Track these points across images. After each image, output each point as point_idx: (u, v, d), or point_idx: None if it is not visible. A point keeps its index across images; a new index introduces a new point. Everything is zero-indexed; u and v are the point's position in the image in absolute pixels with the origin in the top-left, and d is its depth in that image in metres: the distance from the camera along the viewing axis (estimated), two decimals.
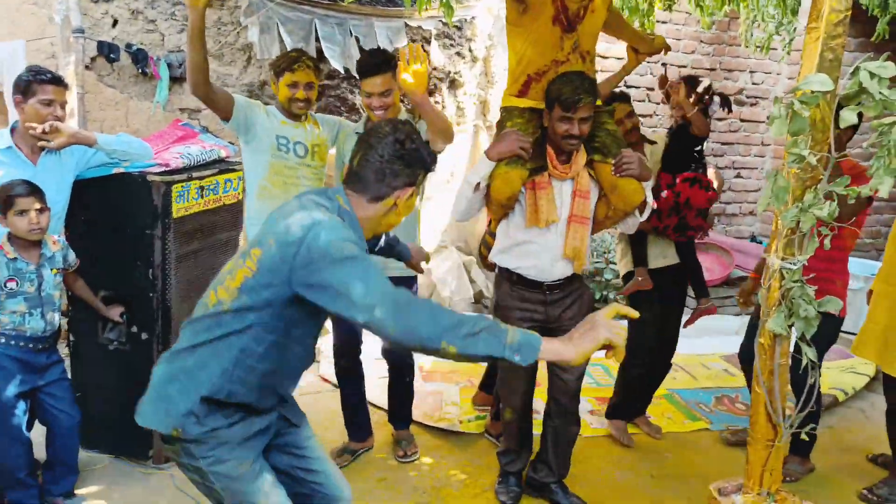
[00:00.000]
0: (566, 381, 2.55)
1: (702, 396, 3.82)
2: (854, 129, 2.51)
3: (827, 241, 1.94)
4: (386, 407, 3.14)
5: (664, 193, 2.94)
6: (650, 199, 2.51)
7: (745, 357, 3.04)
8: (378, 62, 2.61)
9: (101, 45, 3.66)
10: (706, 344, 4.67)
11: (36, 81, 2.51)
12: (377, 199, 1.65)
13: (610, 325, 1.43)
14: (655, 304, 3.05)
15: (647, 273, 3.05)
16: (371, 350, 3.06)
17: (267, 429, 1.69)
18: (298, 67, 2.67)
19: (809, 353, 2.00)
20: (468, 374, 3.86)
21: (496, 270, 2.63)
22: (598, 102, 2.41)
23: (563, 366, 2.08)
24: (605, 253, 5.34)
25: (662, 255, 3.08)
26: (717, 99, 3.15)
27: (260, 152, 2.71)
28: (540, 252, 2.45)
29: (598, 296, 5.05)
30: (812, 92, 1.79)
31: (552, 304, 2.50)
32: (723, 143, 5.94)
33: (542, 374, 2.67)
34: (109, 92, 3.77)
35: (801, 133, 1.83)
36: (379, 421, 3.15)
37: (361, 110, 4.38)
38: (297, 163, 2.74)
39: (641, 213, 2.51)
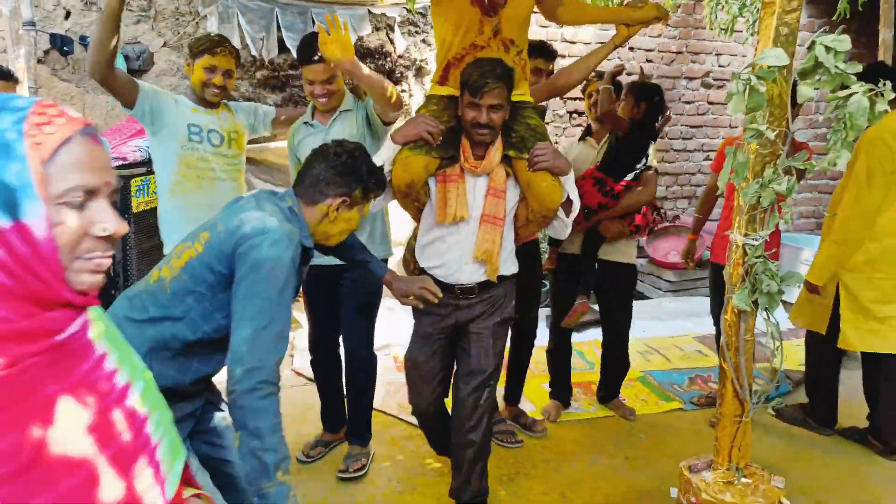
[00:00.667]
0: (459, 390, 2.35)
1: (675, 377, 3.85)
2: (798, 105, 2.56)
3: (787, 216, 1.95)
4: (389, 411, 3.21)
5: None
6: (575, 198, 2.27)
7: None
8: (315, 50, 2.45)
9: (53, 37, 3.56)
10: (680, 326, 4.73)
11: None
12: (312, 203, 1.79)
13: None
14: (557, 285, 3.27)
15: (556, 254, 3.26)
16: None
17: (192, 414, 1.68)
18: (220, 52, 2.52)
19: (772, 327, 2.01)
20: None
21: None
22: (528, 98, 2.31)
23: (461, 376, 2.35)
24: None
25: (570, 242, 3.14)
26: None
27: (169, 143, 2.53)
28: (448, 251, 2.28)
29: None
30: (768, 67, 1.79)
31: (465, 310, 2.31)
32: (691, 126, 5.98)
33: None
34: (63, 86, 3.68)
35: (759, 109, 1.83)
36: (376, 423, 3.05)
37: None
38: (211, 153, 2.57)
39: (567, 213, 2.30)
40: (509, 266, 2.35)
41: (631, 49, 5.35)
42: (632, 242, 3.21)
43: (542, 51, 2.93)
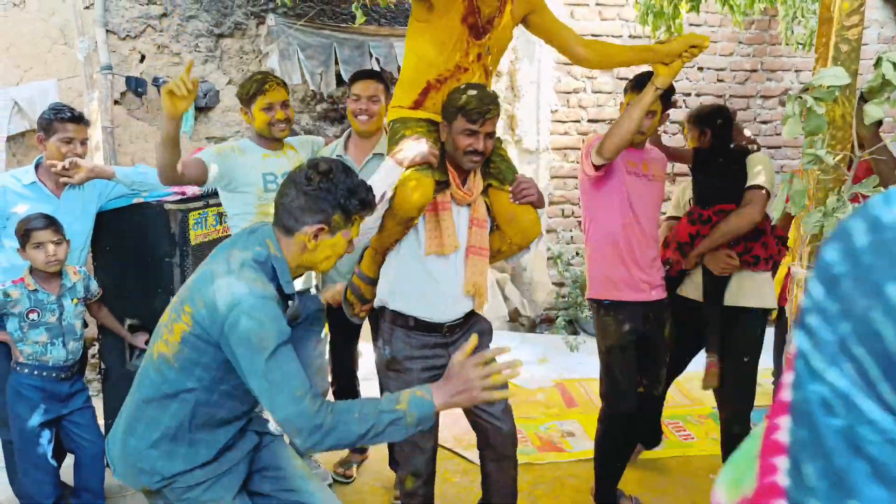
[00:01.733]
0: (496, 426, 2.20)
1: (753, 415, 3.60)
2: (878, 124, 2.25)
3: None
4: (445, 445, 3.13)
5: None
6: (542, 230, 2.32)
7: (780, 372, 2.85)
8: (370, 70, 2.59)
9: (128, 80, 3.77)
10: None
11: (56, 120, 2.58)
12: (288, 233, 1.63)
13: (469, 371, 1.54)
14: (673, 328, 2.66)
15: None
16: None
17: (240, 463, 1.66)
18: (270, 87, 2.52)
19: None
20: None
21: (384, 317, 2.22)
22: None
23: (490, 409, 2.17)
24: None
25: (689, 284, 2.74)
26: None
27: (245, 198, 2.48)
28: (439, 288, 2.13)
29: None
30: (827, 87, 1.66)
31: (454, 345, 2.16)
32: (769, 147, 5.68)
33: None
34: (138, 125, 3.89)
35: (819, 132, 1.69)
36: None
37: (385, 131, 4.37)
38: None
39: (536, 244, 2.27)
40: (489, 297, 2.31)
41: (700, 69, 5.17)
42: (762, 280, 2.62)
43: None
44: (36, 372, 2.50)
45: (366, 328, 2.77)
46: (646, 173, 2.56)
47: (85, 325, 2.71)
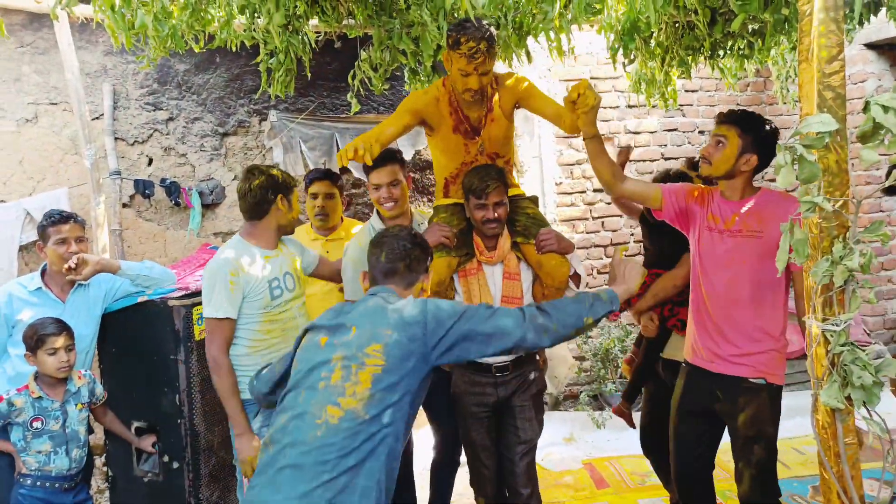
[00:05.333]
0: (513, 461, 2.55)
1: (796, 487, 3.39)
2: None
3: (872, 296, 1.70)
4: None
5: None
6: (581, 271, 2.58)
7: None
8: (384, 155, 2.56)
9: (136, 182, 3.88)
10: (798, 425, 4.11)
11: (49, 225, 2.64)
12: (410, 286, 1.91)
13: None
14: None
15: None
16: None
17: None
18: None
19: (875, 426, 1.71)
20: None
21: None
22: (521, 192, 2.63)
23: (511, 447, 2.54)
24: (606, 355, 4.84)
25: (675, 347, 2.76)
26: None
27: (251, 309, 2.42)
28: None
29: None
30: (816, 134, 1.62)
31: (502, 386, 2.56)
32: None
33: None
34: (147, 226, 3.96)
35: (814, 179, 1.64)
36: None
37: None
38: (290, 298, 2.51)
39: (577, 285, 2.58)
40: None
41: (701, 132, 5.20)
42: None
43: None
44: (39, 483, 2.44)
45: None
46: (728, 228, 2.31)
47: (90, 430, 2.66)
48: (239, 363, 2.42)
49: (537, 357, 2.69)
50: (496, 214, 2.43)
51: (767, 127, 2.33)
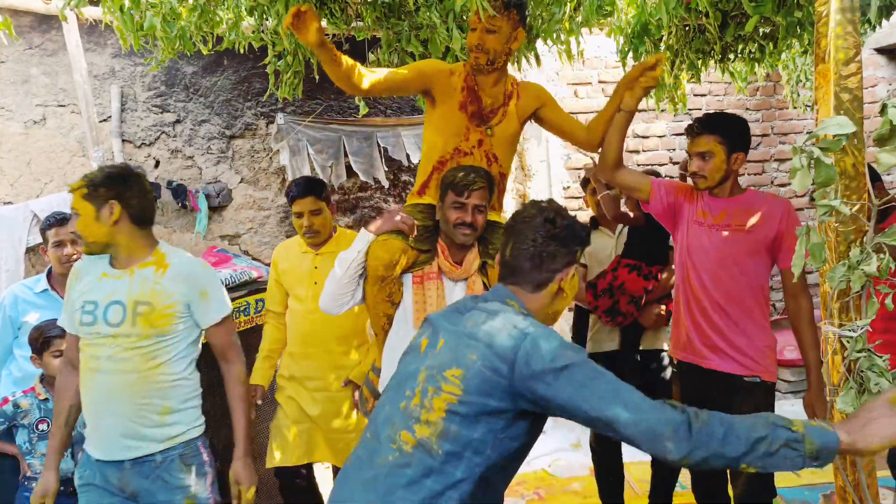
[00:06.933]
0: None
1: (807, 495, 3.35)
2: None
3: (888, 301, 1.67)
4: None
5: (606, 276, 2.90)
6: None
7: None
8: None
9: None
10: None
11: (47, 228, 2.66)
12: (540, 288, 1.54)
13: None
14: None
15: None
16: None
17: None
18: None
19: None
20: (535, 486, 3.57)
21: None
22: (500, 220, 2.25)
23: None
24: None
25: (609, 339, 2.97)
26: None
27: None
28: None
29: None
30: (833, 137, 1.60)
31: None
32: None
33: None
34: (154, 228, 3.94)
35: (830, 183, 1.61)
36: None
37: None
38: (105, 334, 1.97)
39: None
40: None
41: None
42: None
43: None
44: None
45: None
46: (717, 223, 2.37)
47: None
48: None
49: None
50: (473, 219, 2.12)
51: (735, 119, 2.44)
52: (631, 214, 2.97)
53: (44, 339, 2.44)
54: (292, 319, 2.85)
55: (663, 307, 2.94)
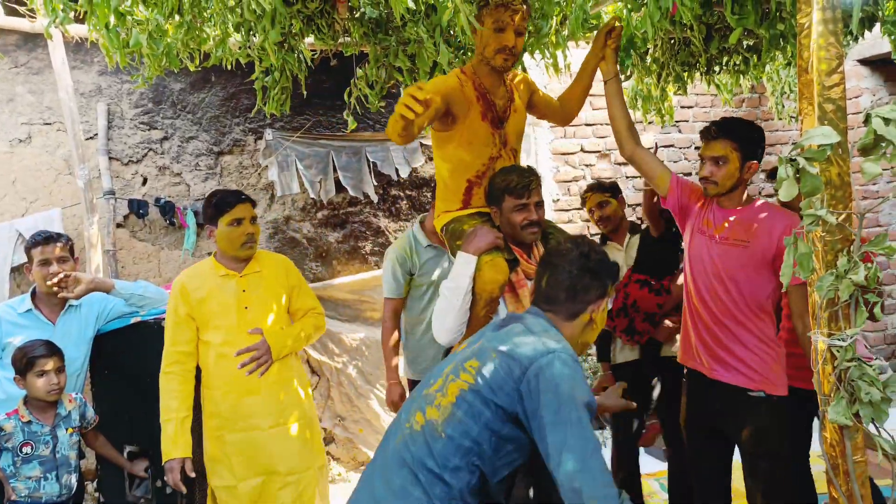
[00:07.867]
0: None
1: None
2: None
3: (877, 311, 1.67)
4: None
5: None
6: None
7: None
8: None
9: (130, 203, 3.85)
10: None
11: (32, 246, 2.63)
12: (573, 317, 1.66)
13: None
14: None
15: (609, 368, 3.11)
16: None
17: None
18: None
19: (884, 444, 1.67)
20: None
21: None
22: None
23: None
24: None
25: (630, 350, 3.06)
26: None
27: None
28: None
29: None
30: (818, 147, 1.61)
31: None
32: None
33: None
34: (141, 246, 3.92)
35: (816, 192, 1.62)
36: None
37: (387, 233, 4.38)
38: None
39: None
40: None
41: (697, 148, 5.20)
42: None
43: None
44: None
45: None
46: (718, 235, 2.30)
47: (82, 455, 2.60)
48: None
49: None
50: (538, 216, 2.15)
51: (752, 127, 2.40)
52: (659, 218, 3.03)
53: (27, 360, 2.40)
54: (210, 358, 2.51)
55: (674, 321, 2.98)
